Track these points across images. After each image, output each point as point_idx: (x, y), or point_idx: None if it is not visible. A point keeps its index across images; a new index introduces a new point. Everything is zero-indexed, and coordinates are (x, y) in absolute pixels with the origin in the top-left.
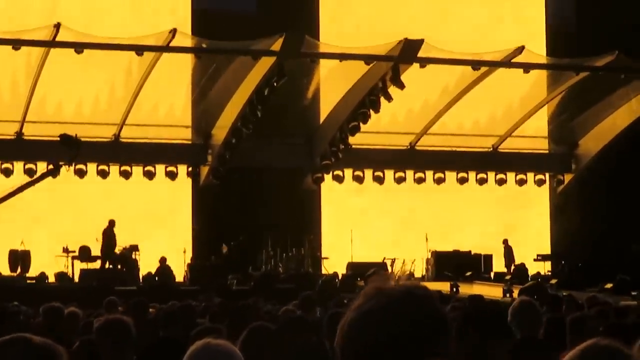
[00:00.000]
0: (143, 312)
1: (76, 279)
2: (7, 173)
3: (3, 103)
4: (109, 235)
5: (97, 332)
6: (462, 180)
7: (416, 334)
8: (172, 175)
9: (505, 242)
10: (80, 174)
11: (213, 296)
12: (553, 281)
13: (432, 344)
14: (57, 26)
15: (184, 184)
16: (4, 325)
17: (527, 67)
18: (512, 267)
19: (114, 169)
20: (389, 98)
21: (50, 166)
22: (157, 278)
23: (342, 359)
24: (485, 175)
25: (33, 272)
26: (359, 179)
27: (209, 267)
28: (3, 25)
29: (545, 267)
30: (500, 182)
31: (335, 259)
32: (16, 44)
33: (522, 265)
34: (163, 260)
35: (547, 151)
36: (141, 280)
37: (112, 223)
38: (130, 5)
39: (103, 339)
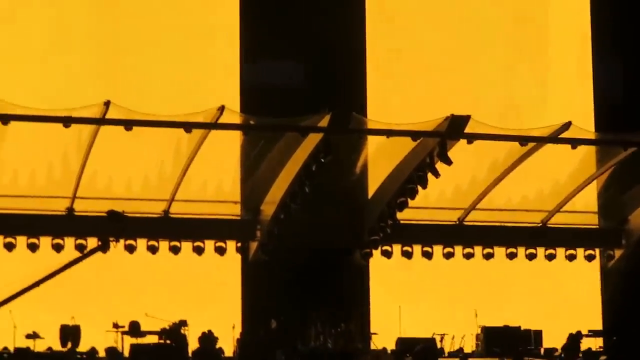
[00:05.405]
0: None
1: (126, 353)
2: (58, 249)
3: (54, 179)
4: None
5: None
6: (512, 256)
7: None
8: (221, 251)
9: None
10: (130, 249)
11: None
12: (602, 358)
13: None
14: (107, 104)
15: (233, 259)
16: None
17: (574, 143)
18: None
19: (164, 245)
20: (436, 174)
21: (99, 242)
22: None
23: None
24: (534, 251)
25: (83, 347)
26: (408, 255)
27: (257, 343)
28: (54, 103)
29: (596, 343)
30: (550, 257)
31: (384, 335)
32: (67, 121)
33: (578, 335)
34: (210, 333)
35: (596, 226)
36: (190, 355)
37: None
38: (179, 83)
39: None
